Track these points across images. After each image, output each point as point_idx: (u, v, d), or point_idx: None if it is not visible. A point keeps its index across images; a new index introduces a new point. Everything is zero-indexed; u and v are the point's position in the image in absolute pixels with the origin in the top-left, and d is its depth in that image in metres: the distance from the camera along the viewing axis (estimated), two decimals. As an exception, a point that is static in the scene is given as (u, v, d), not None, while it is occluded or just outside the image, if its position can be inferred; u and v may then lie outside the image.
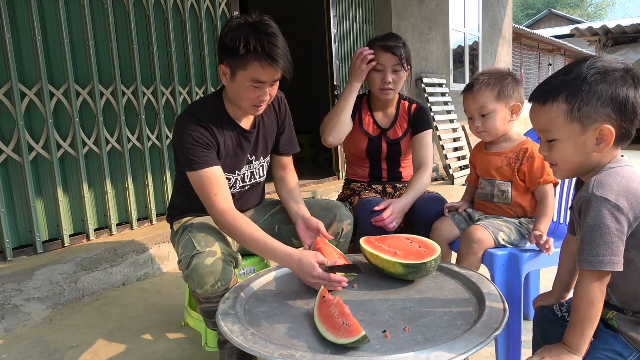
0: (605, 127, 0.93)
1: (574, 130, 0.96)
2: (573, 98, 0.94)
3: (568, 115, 0.95)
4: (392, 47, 1.90)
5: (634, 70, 0.95)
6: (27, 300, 2.29)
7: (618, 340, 0.98)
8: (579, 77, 0.94)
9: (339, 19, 4.89)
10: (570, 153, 0.98)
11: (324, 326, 1.04)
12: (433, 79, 6.21)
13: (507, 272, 1.56)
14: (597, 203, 0.91)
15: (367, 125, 2.06)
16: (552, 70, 15.77)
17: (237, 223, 1.47)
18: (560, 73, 0.99)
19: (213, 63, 3.53)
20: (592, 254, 0.90)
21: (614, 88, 0.92)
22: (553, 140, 1.00)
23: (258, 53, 1.41)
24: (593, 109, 0.93)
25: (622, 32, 9.29)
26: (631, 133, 0.96)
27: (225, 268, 1.43)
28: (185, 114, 1.59)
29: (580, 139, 0.96)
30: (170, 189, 3.26)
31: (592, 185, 0.93)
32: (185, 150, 1.52)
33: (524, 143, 1.68)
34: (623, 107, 0.92)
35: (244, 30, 1.43)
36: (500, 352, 1.57)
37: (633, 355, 0.97)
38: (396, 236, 1.53)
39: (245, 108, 1.57)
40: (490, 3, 7.92)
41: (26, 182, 2.52)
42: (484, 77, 1.64)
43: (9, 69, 2.43)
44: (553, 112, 0.97)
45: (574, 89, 0.94)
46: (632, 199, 0.91)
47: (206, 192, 1.51)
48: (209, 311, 1.49)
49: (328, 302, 1.13)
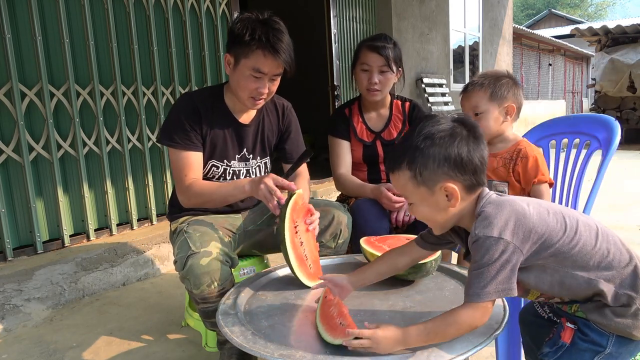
0: (447, 186, 0.97)
1: (423, 192, 1.00)
2: (412, 164, 0.98)
3: (413, 180, 0.99)
4: (379, 48, 1.89)
5: (463, 120, 1.00)
6: (27, 300, 2.29)
7: (592, 329, 1.01)
8: (412, 145, 0.98)
9: (339, 19, 4.89)
10: (428, 212, 1.03)
11: (323, 326, 1.05)
12: (433, 79, 6.21)
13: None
14: (482, 241, 0.93)
15: (360, 132, 2.05)
16: (552, 70, 15.78)
17: (202, 187, 1.58)
18: (402, 139, 1.04)
19: (213, 63, 3.53)
20: (479, 287, 0.92)
21: (444, 149, 0.96)
22: (411, 203, 1.04)
23: (262, 42, 1.49)
24: (432, 172, 0.97)
25: (622, 32, 9.28)
26: (480, 181, 1.00)
27: (221, 268, 1.43)
28: (182, 94, 1.70)
29: (432, 199, 1.00)
30: (170, 189, 3.26)
31: (474, 228, 0.96)
32: (171, 126, 1.62)
33: (518, 143, 1.68)
34: (458, 164, 0.96)
35: (252, 22, 1.52)
36: (500, 352, 1.57)
37: (610, 341, 0.99)
38: (396, 236, 1.53)
39: (244, 99, 1.61)
40: (490, 3, 7.93)
41: (26, 182, 2.53)
42: (481, 78, 1.67)
43: (9, 69, 2.43)
44: (402, 179, 1.01)
45: (410, 156, 0.98)
46: (514, 228, 0.94)
47: (180, 171, 1.61)
48: (207, 311, 1.49)
49: (329, 302, 1.13)
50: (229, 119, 1.69)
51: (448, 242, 1.14)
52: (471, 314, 0.93)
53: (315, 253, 1.44)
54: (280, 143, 1.85)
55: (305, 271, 1.35)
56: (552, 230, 0.97)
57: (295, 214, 1.39)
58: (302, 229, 1.41)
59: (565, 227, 0.98)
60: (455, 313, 0.94)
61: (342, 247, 1.71)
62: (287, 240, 1.33)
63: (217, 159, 1.70)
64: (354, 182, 1.97)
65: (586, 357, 1.01)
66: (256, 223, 1.80)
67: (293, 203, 1.38)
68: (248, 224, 1.80)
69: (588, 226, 1.00)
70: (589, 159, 1.80)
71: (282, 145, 1.84)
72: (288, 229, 1.34)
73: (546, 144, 1.95)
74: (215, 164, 1.70)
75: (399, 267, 1.22)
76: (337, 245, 1.69)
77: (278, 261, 1.93)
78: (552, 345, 1.05)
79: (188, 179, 1.59)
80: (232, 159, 1.73)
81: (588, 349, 1.01)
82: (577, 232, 0.98)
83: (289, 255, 1.32)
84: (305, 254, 1.37)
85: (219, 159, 1.71)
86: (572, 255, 0.97)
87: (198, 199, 1.59)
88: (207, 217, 1.70)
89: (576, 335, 1.02)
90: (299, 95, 3.98)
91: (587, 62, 19.24)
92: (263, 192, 1.40)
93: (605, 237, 0.99)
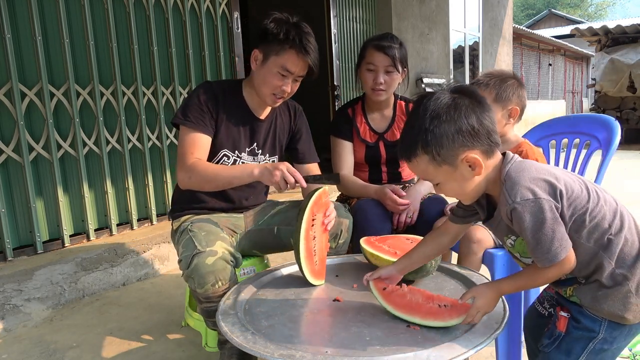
0: (468, 157, 0.98)
1: (446, 170, 1.00)
2: (427, 147, 0.98)
3: (433, 162, 0.99)
4: (385, 47, 1.89)
5: (461, 88, 1.01)
6: (27, 300, 2.29)
7: (585, 315, 1.03)
8: (421, 128, 0.98)
9: (339, 19, 4.89)
10: (457, 187, 1.04)
11: (422, 316, 1.06)
12: (433, 79, 6.21)
13: (507, 272, 1.56)
14: (522, 207, 0.94)
15: (363, 133, 2.04)
16: (552, 70, 15.77)
17: (207, 166, 1.58)
18: (407, 127, 1.03)
19: (213, 63, 3.53)
20: (544, 251, 0.95)
21: (453, 123, 0.96)
22: (437, 184, 1.05)
23: (295, 43, 1.57)
24: (448, 149, 0.97)
25: (622, 32, 9.28)
26: (496, 142, 1.01)
27: (226, 267, 1.43)
28: (202, 82, 1.75)
29: (456, 174, 1.01)
30: (170, 189, 3.26)
31: (507, 196, 0.97)
32: (188, 106, 1.64)
33: (520, 145, 1.67)
34: (471, 133, 0.97)
35: (285, 23, 1.59)
36: (500, 352, 1.57)
37: (602, 326, 1.01)
38: (396, 236, 1.53)
39: (265, 95, 1.66)
40: (490, 3, 7.93)
41: (26, 182, 2.53)
42: (486, 78, 1.63)
43: (9, 69, 2.43)
44: (421, 164, 1.01)
45: (423, 139, 0.98)
46: (542, 184, 0.96)
47: (186, 148, 1.61)
48: (209, 310, 1.49)
49: (396, 291, 1.14)
50: (245, 111, 1.73)
51: (474, 213, 1.15)
52: (555, 270, 0.97)
53: (324, 252, 1.43)
54: (292, 143, 1.88)
55: (310, 266, 1.34)
56: (577, 196, 0.98)
57: (315, 208, 1.38)
58: (318, 225, 1.41)
59: (588, 196, 0.99)
60: (542, 272, 0.99)
61: (342, 248, 1.71)
62: (302, 231, 1.32)
63: (230, 149, 1.72)
64: (356, 183, 1.97)
65: (581, 344, 1.03)
66: (257, 223, 1.80)
67: (316, 197, 1.38)
68: (250, 224, 1.81)
69: (609, 203, 1.01)
70: (589, 159, 1.80)
71: (295, 146, 1.87)
72: (305, 220, 1.33)
73: (546, 144, 1.95)
74: (227, 154, 1.72)
75: (444, 246, 1.23)
76: (337, 246, 1.69)
77: (278, 261, 1.93)
78: (550, 336, 1.08)
79: (193, 156, 1.59)
80: (242, 151, 1.75)
81: (582, 337, 1.03)
82: (598, 204, 0.99)
83: (300, 245, 1.31)
84: (314, 249, 1.37)
85: (231, 149, 1.72)
86: (589, 226, 0.98)
87: (199, 178, 1.56)
88: (210, 216, 1.70)
89: (570, 323, 1.05)
90: (299, 95, 3.98)
91: (587, 62, 19.24)
92: (278, 179, 1.42)
93: (621, 217, 1.01)
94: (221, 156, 1.71)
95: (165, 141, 3.21)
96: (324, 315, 1.17)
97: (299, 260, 1.32)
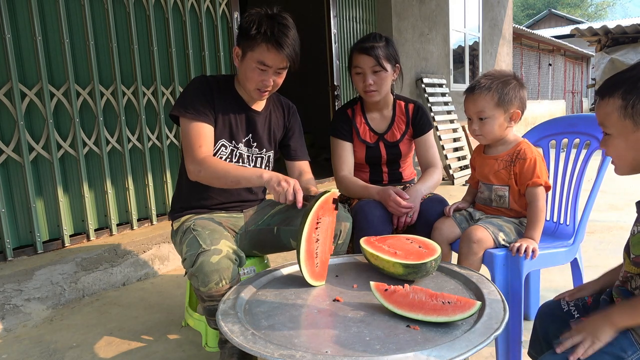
0: None
1: (626, 126, 0.95)
2: (628, 94, 0.93)
3: (621, 111, 0.95)
4: (367, 49, 1.88)
5: None
6: (27, 300, 2.29)
7: (626, 337, 0.97)
8: (634, 77, 0.94)
9: (339, 19, 4.89)
10: (623, 148, 0.98)
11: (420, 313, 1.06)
12: (433, 79, 6.21)
13: (507, 272, 1.56)
14: None
15: (363, 134, 2.04)
16: (552, 70, 15.77)
17: (218, 163, 1.58)
18: (629, 69, 0.98)
19: (213, 63, 3.53)
20: None
21: None
22: (608, 134, 1.01)
23: (266, 36, 1.54)
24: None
25: (622, 32, 9.28)
26: None
27: (230, 266, 1.44)
28: (197, 76, 1.76)
29: (633, 136, 0.95)
30: (170, 189, 3.26)
31: None
32: (185, 99, 1.64)
33: (519, 144, 1.67)
34: None
35: (260, 16, 1.57)
36: (500, 352, 1.57)
37: (635, 354, 0.96)
38: (396, 236, 1.53)
39: (250, 90, 1.66)
40: (490, 3, 7.93)
41: (26, 182, 2.53)
42: (487, 80, 1.61)
43: (9, 69, 2.43)
44: (609, 106, 0.97)
45: (631, 85, 0.93)
46: None
47: (192, 140, 1.60)
48: (212, 309, 1.49)
49: (399, 292, 1.14)
50: (240, 102, 1.75)
51: None
52: None
53: (327, 255, 1.42)
54: (285, 140, 1.90)
55: (310, 268, 1.34)
56: None
57: (321, 211, 1.38)
58: (322, 228, 1.40)
59: None
60: None
61: (342, 248, 1.72)
62: (305, 232, 1.32)
63: (227, 139, 1.73)
64: (357, 184, 1.97)
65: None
66: (257, 223, 1.80)
67: (323, 200, 1.37)
68: (250, 224, 1.81)
69: None
70: (589, 159, 1.80)
71: (287, 142, 1.89)
72: (309, 222, 1.33)
73: (546, 144, 1.95)
74: (224, 144, 1.73)
75: None
76: (337, 246, 1.70)
77: (278, 261, 1.92)
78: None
79: (202, 150, 1.60)
80: (239, 142, 1.76)
81: (610, 353, 0.96)
82: None
83: (301, 246, 1.31)
84: (316, 251, 1.36)
85: (228, 140, 1.73)
86: None
87: (209, 173, 1.57)
88: (211, 216, 1.70)
89: None
90: (299, 95, 3.98)
91: (587, 62, 19.24)
92: (283, 190, 1.43)
93: None
94: (219, 146, 1.72)
95: (165, 141, 3.21)
96: (324, 316, 1.17)
97: (299, 260, 1.32)
